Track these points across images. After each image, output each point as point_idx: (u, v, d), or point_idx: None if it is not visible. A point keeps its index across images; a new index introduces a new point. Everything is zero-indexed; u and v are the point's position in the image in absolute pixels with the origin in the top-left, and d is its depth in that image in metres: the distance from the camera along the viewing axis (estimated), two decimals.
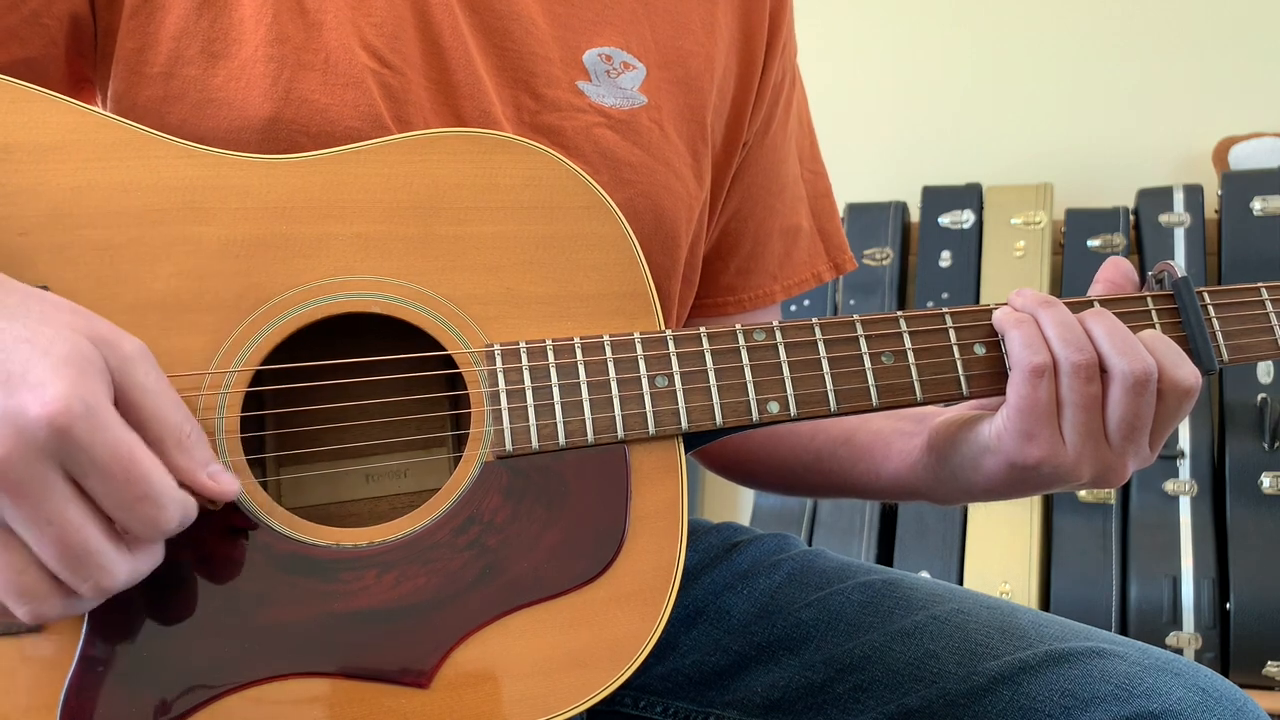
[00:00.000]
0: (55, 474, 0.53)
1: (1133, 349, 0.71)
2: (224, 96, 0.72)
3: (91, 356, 0.54)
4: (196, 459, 0.58)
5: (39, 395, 0.51)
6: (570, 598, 0.65)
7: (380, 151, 0.70)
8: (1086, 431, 0.71)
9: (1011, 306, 0.75)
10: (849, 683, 0.84)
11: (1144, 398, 0.71)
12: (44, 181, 0.65)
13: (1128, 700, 0.74)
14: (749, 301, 1.00)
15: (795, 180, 1.01)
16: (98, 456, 0.53)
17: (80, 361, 0.53)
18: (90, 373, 0.54)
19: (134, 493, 0.54)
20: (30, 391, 0.52)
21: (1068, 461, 0.72)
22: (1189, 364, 0.72)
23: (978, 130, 2.45)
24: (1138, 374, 0.70)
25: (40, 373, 0.52)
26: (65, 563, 0.54)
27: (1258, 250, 2.02)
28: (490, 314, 0.69)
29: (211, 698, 0.61)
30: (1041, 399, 0.71)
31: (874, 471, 0.88)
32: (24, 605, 0.54)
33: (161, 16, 0.73)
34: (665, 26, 0.87)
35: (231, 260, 0.66)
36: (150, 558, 0.57)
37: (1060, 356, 0.71)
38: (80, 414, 0.52)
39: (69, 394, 0.52)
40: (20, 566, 0.54)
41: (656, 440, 0.69)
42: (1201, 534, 1.91)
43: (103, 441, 0.53)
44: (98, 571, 0.54)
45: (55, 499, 0.53)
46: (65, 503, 0.53)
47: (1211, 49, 2.31)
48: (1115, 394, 0.71)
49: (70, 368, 0.53)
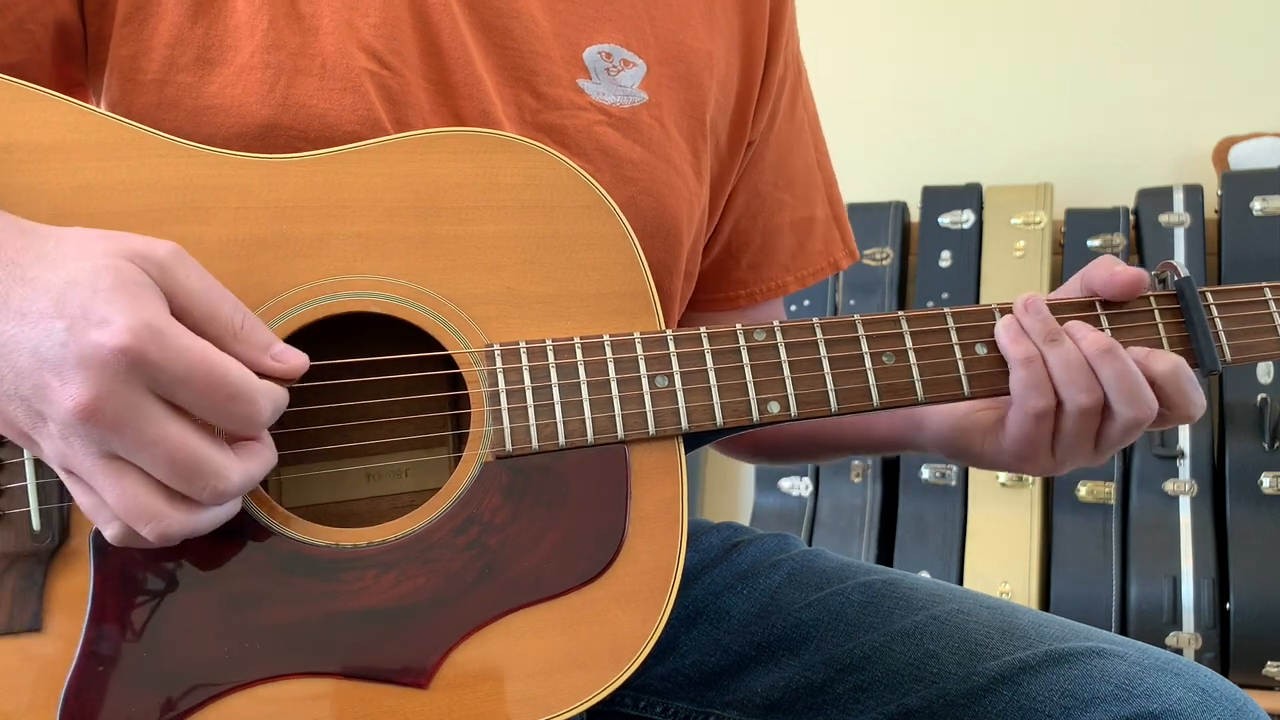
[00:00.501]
0: (147, 398, 0.55)
1: (1140, 396, 0.73)
2: (220, 103, 0.72)
3: (136, 276, 0.56)
4: (257, 344, 0.61)
5: (106, 331, 0.54)
6: (570, 598, 0.65)
7: (381, 151, 0.70)
8: (1078, 450, 0.76)
9: (1017, 322, 0.75)
10: (849, 683, 0.84)
11: (1140, 430, 0.75)
12: (44, 181, 0.65)
13: (1128, 700, 0.74)
14: (760, 294, 1.00)
15: (808, 170, 1.01)
16: (178, 371, 0.55)
17: (130, 286, 0.56)
18: (142, 293, 0.56)
19: (222, 394, 0.57)
20: (96, 330, 0.54)
21: (1054, 467, 0.78)
22: (1199, 396, 0.75)
23: (978, 130, 2.45)
24: (1141, 420, 0.74)
25: (99, 309, 0.54)
26: (180, 475, 0.56)
27: (1258, 250, 2.02)
28: (490, 314, 0.69)
29: (211, 697, 0.61)
30: (1042, 433, 0.75)
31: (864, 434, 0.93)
32: (149, 524, 0.56)
33: (154, 24, 0.73)
34: (665, 23, 0.87)
35: (232, 260, 0.66)
36: (258, 459, 0.60)
37: (1066, 398, 0.74)
38: (149, 337, 0.54)
39: (132, 322, 0.54)
40: (138, 490, 0.56)
41: (656, 440, 0.69)
42: (1201, 534, 1.91)
43: (177, 355, 0.55)
44: (212, 478, 0.57)
45: (155, 421, 0.55)
46: (165, 421, 0.56)
47: (1212, 49, 2.31)
48: (1114, 429, 0.75)
49: (123, 295, 0.55)
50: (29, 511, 0.62)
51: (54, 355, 0.54)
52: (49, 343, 0.54)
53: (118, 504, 0.56)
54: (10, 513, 0.62)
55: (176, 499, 0.57)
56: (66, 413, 0.54)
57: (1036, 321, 0.74)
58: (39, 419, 0.56)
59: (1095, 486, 2.00)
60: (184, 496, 0.57)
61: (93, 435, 0.55)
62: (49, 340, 0.54)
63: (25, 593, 0.61)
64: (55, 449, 0.56)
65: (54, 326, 0.54)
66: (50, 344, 0.54)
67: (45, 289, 0.55)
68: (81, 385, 0.54)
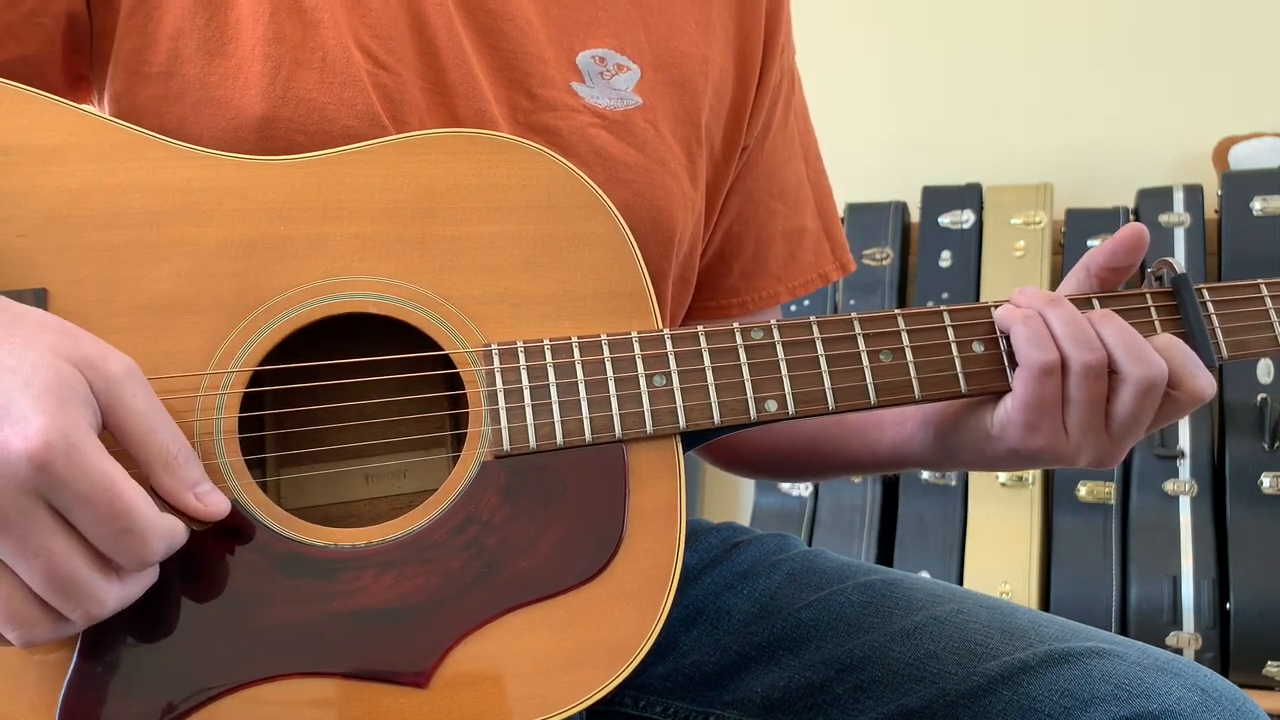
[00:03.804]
0: (40, 508, 0.53)
1: (1145, 354, 0.72)
2: (221, 95, 0.72)
3: (74, 384, 0.54)
4: (184, 480, 0.59)
5: (20, 431, 0.52)
6: (569, 597, 0.65)
7: (377, 152, 0.70)
8: (1089, 425, 0.73)
9: (1014, 304, 0.75)
10: (849, 683, 0.84)
11: (1151, 399, 0.73)
12: (42, 184, 0.65)
13: (1127, 700, 0.74)
14: (752, 303, 1.00)
15: (799, 182, 1.01)
16: (80, 491, 0.53)
17: (63, 391, 0.53)
18: (73, 402, 0.54)
19: (117, 526, 0.54)
20: (12, 427, 0.52)
21: (1068, 450, 0.74)
22: (1205, 372, 0.74)
23: (978, 130, 2.45)
24: (1152, 379, 0.72)
25: (22, 406, 0.52)
26: (54, 592, 0.54)
27: (1258, 250, 2.02)
28: (488, 314, 0.69)
29: (210, 698, 0.61)
30: (1048, 395, 0.73)
31: (869, 448, 0.90)
32: (16, 631, 0.55)
33: (159, 16, 0.73)
34: (659, 28, 0.87)
35: (230, 261, 0.66)
36: (139, 584, 0.58)
37: (1070, 356, 0.72)
38: (61, 450, 0.52)
39: (49, 428, 0.52)
40: (11, 595, 0.54)
41: (654, 439, 0.69)
42: (1201, 534, 1.91)
43: (84, 475, 0.53)
44: (86, 600, 0.55)
45: (41, 532, 0.53)
46: (51, 535, 0.53)
47: (1211, 49, 2.31)
48: (1125, 396, 0.72)
49: (52, 398, 0.53)
50: None
51: None
52: None
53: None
54: None
55: (48, 610, 0.55)
56: None
57: (1033, 296, 0.75)
58: None
59: (1095, 486, 2.00)
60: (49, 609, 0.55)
61: None
62: None
63: None
64: None
65: None
66: None
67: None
68: None
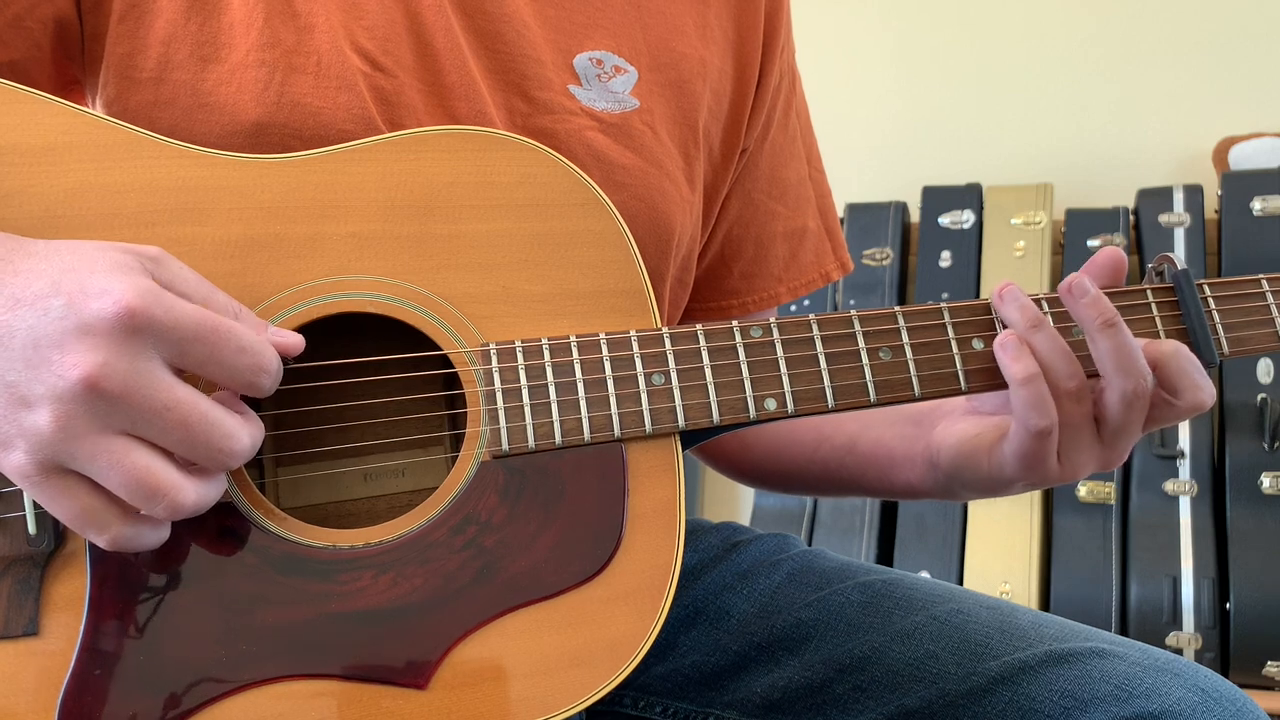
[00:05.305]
0: (155, 362, 0.55)
1: (1130, 364, 0.72)
2: (215, 101, 0.72)
3: (131, 262, 0.57)
4: (255, 325, 0.61)
5: (107, 298, 0.53)
6: (568, 597, 0.65)
7: (374, 150, 0.70)
8: (1085, 446, 0.75)
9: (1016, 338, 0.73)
10: (849, 683, 0.83)
11: (1138, 409, 0.73)
12: (37, 183, 0.64)
13: (1127, 701, 0.74)
14: (753, 304, 1.00)
15: (800, 182, 1.01)
16: (183, 326, 0.55)
17: (125, 265, 0.56)
18: (138, 270, 0.56)
19: (231, 347, 0.57)
20: (97, 299, 0.53)
21: (1071, 474, 0.75)
22: (1207, 384, 0.74)
23: (978, 130, 2.45)
24: (1136, 391, 0.72)
25: (98, 282, 0.54)
26: (194, 441, 0.56)
27: (1258, 250, 2.02)
28: (486, 313, 0.69)
29: (210, 699, 0.61)
30: (1046, 447, 0.73)
31: (884, 479, 0.90)
32: (164, 500, 0.55)
33: (150, 20, 0.73)
34: (657, 29, 0.87)
35: (226, 261, 0.66)
36: (258, 424, 0.60)
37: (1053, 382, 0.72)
38: (152, 299, 0.54)
39: (130, 286, 0.54)
40: (150, 462, 0.55)
41: (654, 439, 0.69)
42: (1201, 534, 1.91)
43: (181, 313, 0.55)
44: (225, 439, 0.57)
45: (165, 384, 0.55)
46: (174, 386, 0.55)
47: (1211, 49, 2.31)
48: (1111, 407, 0.73)
49: (121, 271, 0.55)
50: (24, 516, 0.61)
51: (53, 329, 0.53)
52: (47, 319, 0.53)
53: (125, 481, 0.54)
54: (6, 517, 0.61)
55: (185, 471, 0.56)
56: (69, 385, 0.52)
57: (1014, 309, 0.74)
58: (20, 407, 0.53)
59: (1095, 486, 2.00)
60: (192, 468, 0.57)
61: (96, 409, 0.53)
62: (47, 317, 0.53)
63: (22, 597, 0.61)
64: (37, 445, 0.53)
65: (51, 304, 0.53)
66: (48, 320, 0.53)
67: (40, 275, 0.55)
68: (85, 353, 0.52)
